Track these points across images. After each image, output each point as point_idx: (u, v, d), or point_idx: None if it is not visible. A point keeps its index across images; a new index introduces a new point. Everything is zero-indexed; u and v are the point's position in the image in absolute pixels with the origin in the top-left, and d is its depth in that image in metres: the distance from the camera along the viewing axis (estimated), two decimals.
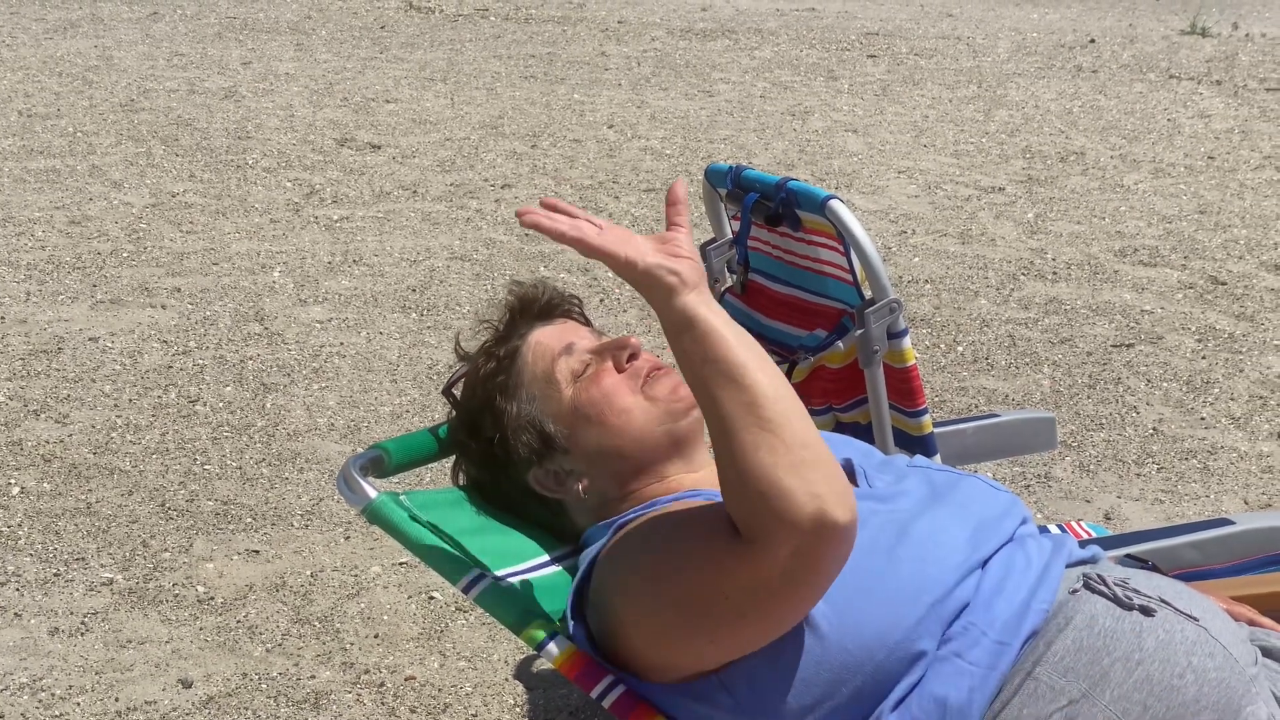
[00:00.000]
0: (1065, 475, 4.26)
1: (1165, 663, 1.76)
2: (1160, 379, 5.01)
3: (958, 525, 1.90)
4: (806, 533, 1.60)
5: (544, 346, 2.08)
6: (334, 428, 4.43)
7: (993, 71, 11.67)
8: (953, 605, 1.81)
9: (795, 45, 12.79)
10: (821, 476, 1.61)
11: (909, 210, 7.21)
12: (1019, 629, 1.81)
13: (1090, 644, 1.79)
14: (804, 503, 1.59)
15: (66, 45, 11.09)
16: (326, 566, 3.62)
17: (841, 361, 2.74)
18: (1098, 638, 1.79)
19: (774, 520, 1.61)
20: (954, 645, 1.80)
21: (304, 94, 9.63)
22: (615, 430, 2.01)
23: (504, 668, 3.22)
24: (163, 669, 3.17)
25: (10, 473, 4.05)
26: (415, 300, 5.61)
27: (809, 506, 1.59)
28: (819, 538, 1.60)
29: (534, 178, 7.60)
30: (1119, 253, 6.53)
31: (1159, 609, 1.82)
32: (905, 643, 1.77)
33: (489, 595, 1.96)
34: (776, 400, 1.66)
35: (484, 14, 14.09)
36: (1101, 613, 1.82)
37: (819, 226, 2.73)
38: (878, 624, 1.77)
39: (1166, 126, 9.53)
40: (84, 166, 7.42)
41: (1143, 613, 1.81)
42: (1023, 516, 2.00)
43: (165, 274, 5.80)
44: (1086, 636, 1.80)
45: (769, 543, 1.62)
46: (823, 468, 1.62)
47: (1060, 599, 1.86)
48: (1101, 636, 1.79)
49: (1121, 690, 1.74)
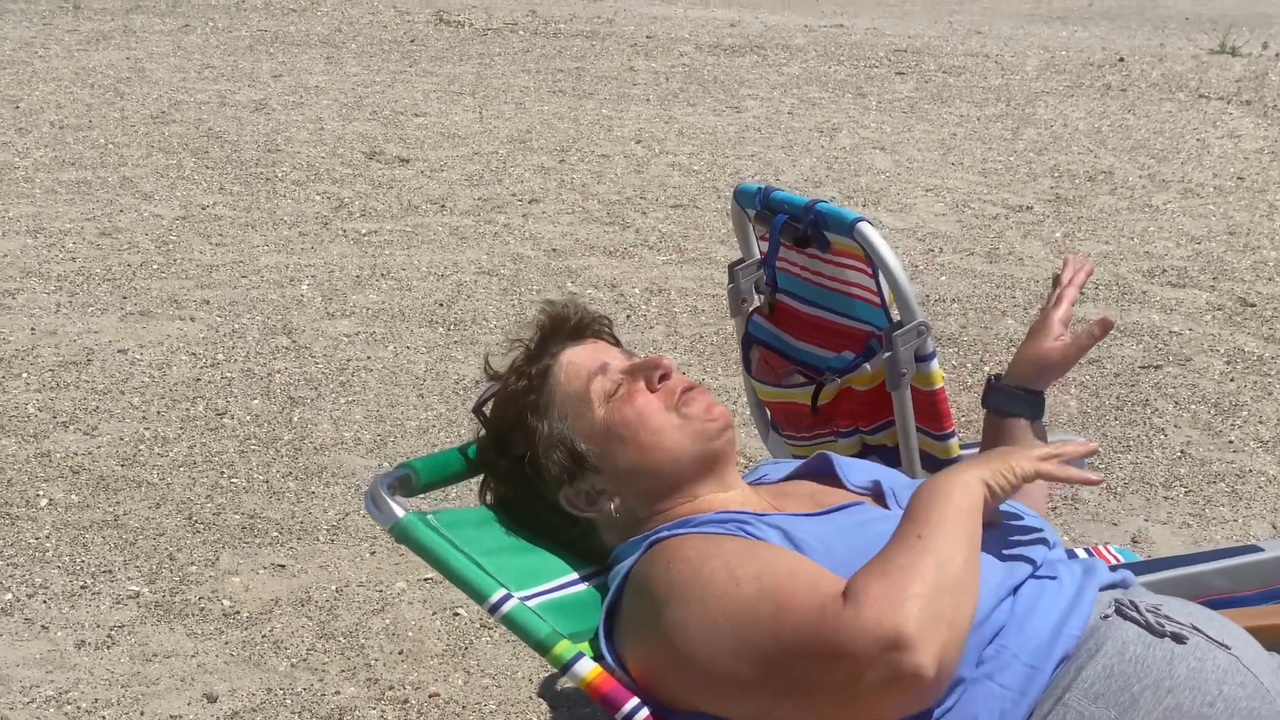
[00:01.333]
0: (1092, 498, 4.24)
1: (1196, 691, 1.75)
2: (1188, 401, 4.99)
3: (992, 549, 1.89)
4: (899, 672, 1.64)
5: (576, 366, 2.08)
6: (360, 442, 4.44)
7: (1021, 90, 11.65)
8: (989, 629, 1.81)
9: (824, 62, 12.79)
10: (953, 640, 1.67)
11: (936, 229, 7.20)
12: (1051, 653, 1.81)
13: (1121, 670, 1.78)
14: (923, 649, 1.64)
15: (98, 57, 11.15)
16: (352, 582, 3.63)
17: (869, 384, 2.73)
18: (1129, 664, 1.78)
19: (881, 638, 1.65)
20: (986, 668, 1.80)
21: (333, 107, 9.67)
22: (648, 449, 2.02)
23: (528, 685, 3.22)
24: (188, 683, 3.17)
25: (39, 484, 4.07)
26: (442, 315, 5.62)
27: (926, 653, 1.64)
28: (910, 683, 1.64)
29: (562, 193, 7.62)
30: (1147, 273, 6.51)
31: (1191, 636, 1.81)
32: None
33: (515, 615, 1.95)
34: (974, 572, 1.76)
35: (513, 28, 14.13)
36: (1133, 639, 1.81)
37: (847, 248, 2.73)
38: None
39: (1196, 146, 9.49)
40: (115, 178, 7.46)
41: (1174, 640, 1.80)
42: (1054, 542, 2.00)
43: (194, 286, 5.83)
44: (1117, 663, 1.79)
45: (862, 660, 1.65)
46: (958, 636, 1.69)
47: (1092, 624, 1.85)
48: (1132, 663, 1.78)
49: (1151, 718, 1.73)
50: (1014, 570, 1.88)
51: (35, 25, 12.57)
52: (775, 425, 3.10)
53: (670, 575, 1.84)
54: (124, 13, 13.63)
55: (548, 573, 2.06)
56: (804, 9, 17.47)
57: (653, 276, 6.23)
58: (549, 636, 1.93)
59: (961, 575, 1.72)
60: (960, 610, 1.70)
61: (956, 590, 1.70)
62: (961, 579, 1.72)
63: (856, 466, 2.17)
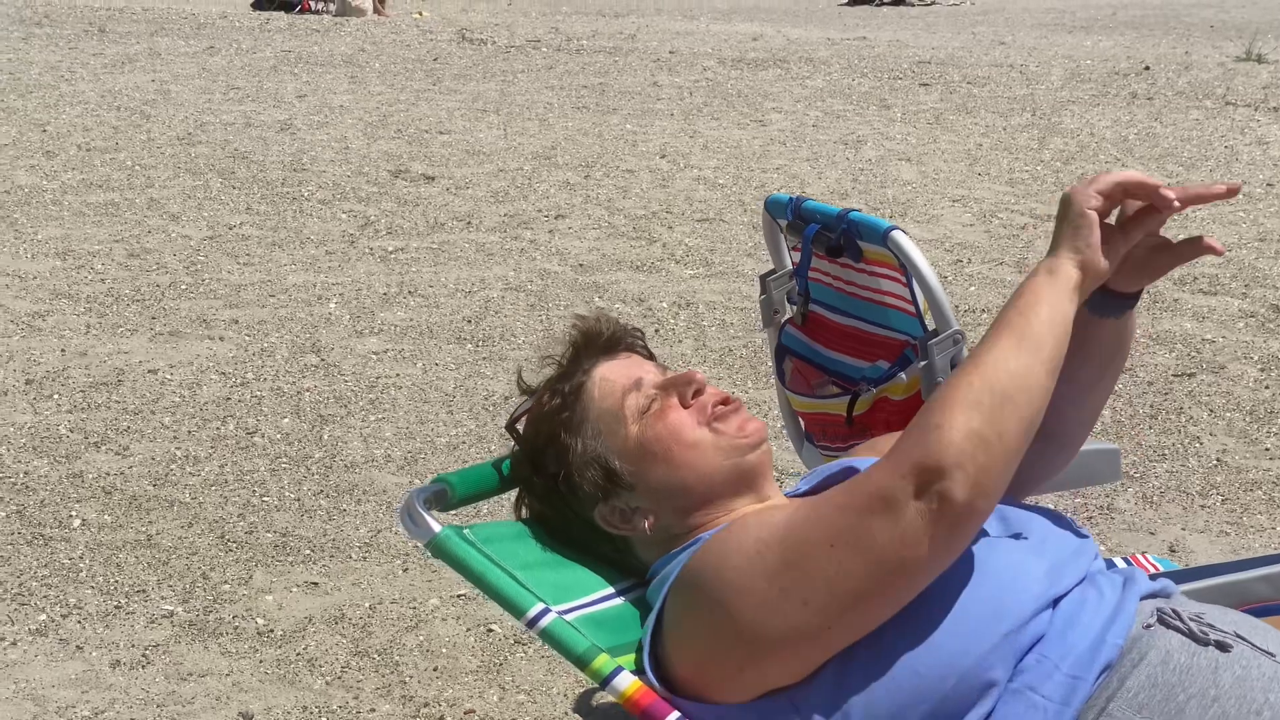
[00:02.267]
0: (1128, 507, 4.21)
1: (1242, 700, 1.73)
2: (1223, 409, 4.96)
3: (1034, 559, 1.87)
4: (949, 491, 1.65)
5: (609, 382, 2.06)
6: (391, 459, 4.44)
7: (1047, 99, 11.62)
8: (1027, 638, 1.79)
9: (847, 74, 12.79)
10: (995, 464, 1.67)
11: (964, 239, 7.18)
12: (1093, 663, 1.79)
13: (1165, 680, 1.76)
14: (967, 468, 1.65)
15: (124, 80, 11.21)
16: (385, 599, 3.62)
17: (904, 393, 2.71)
18: (1173, 674, 1.76)
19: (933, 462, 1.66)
20: (1026, 678, 1.78)
21: (358, 126, 9.70)
22: (682, 466, 2.00)
23: (563, 701, 3.21)
24: (223, 701, 3.17)
25: (71, 505, 4.08)
26: (470, 331, 5.62)
27: (969, 473, 1.65)
28: (956, 503, 1.65)
29: (587, 208, 7.62)
30: (1178, 281, 6.48)
31: (1235, 644, 1.79)
32: (977, 670, 1.75)
33: (553, 630, 1.94)
34: (1037, 399, 1.72)
35: (536, 45, 14.16)
36: (1176, 648, 1.79)
37: (881, 257, 2.71)
38: (950, 649, 1.75)
39: (1224, 154, 9.45)
40: (142, 200, 7.49)
41: (1219, 648, 1.78)
42: (1094, 554, 1.98)
43: (223, 306, 5.84)
44: (1161, 672, 1.77)
45: (907, 495, 1.67)
46: (990, 449, 1.67)
47: (1134, 634, 1.83)
48: (1176, 672, 1.76)
49: None
50: (1056, 580, 1.86)
51: (61, 49, 12.65)
52: (810, 436, 3.09)
53: (705, 556, 1.83)
54: (149, 35, 13.71)
55: (585, 587, 2.05)
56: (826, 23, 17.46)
57: (680, 290, 6.22)
58: (588, 651, 1.91)
59: (1006, 386, 1.71)
60: (1004, 423, 1.69)
61: (1000, 404, 1.70)
62: (1006, 390, 1.71)
63: None
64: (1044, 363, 1.75)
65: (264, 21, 15.09)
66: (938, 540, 1.67)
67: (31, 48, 12.62)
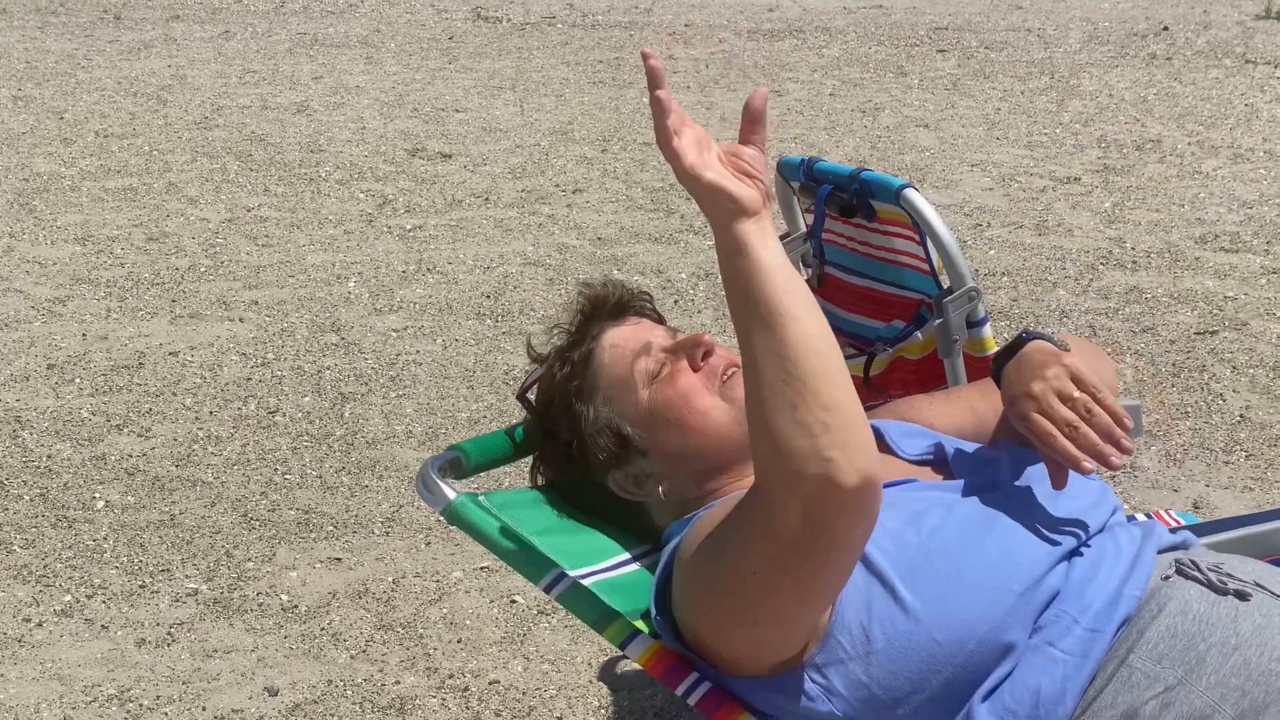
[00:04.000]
0: (1152, 465, 4.19)
1: (1263, 647, 1.72)
2: (1246, 365, 4.93)
3: (1046, 513, 1.87)
4: (810, 496, 1.57)
5: (618, 348, 2.05)
6: (412, 435, 4.44)
7: (1065, 62, 11.55)
8: (1043, 595, 1.79)
9: (864, 42, 12.72)
10: (837, 440, 1.56)
11: (984, 203, 7.14)
12: (1112, 616, 1.78)
13: (1185, 630, 1.75)
14: (810, 466, 1.56)
15: (141, 66, 11.22)
16: (408, 573, 3.63)
17: (921, 352, 2.71)
18: (1192, 623, 1.76)
19: (780, 480, 1.60)
20: (1045, 634, 1.77)
21: (375, 106, 9.69)
22: (694, 431, 1.99)
23: (588, 670, 3.21)
24: (249, 678, 3.18)
25: (95, 487, 4.09)
26: (490, 307, 5.62)
27: (813, 469, 1.56)
28: (824, 502, 1.57)
29: (605, 181, 7.60)
30: (1199, 239, 6.44)
31: (1255, 593, 1.79)
32: (995, 633, 1.75)
33: (571, 595, 1.95)
34: (810, 355, 1.59)
35: (550, 21, 14.13)
36: (1195, 598, 1.79)
37: (894, 216, 2.70)
38: (967, 613, 1.75)
39: (1244, 111, 9.39)
40: (160, 184, 7.50)
41: (1238, 597, 1.78)
42: (1114, 506, 1.97)
43: (242, 287, 5.85)
44: (1181, 622, 1.76)
45: (776, 504, 1.61)
46: (844, 431, 1.57)
47: (1153, 585, 1.82)
48: (1196, 622, 1.76)
49: (1218, 676, 1.71)
50: (1069, 534, 1.86)
51: (78, 37, 12.65)
52: None
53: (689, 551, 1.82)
54: (164, 22, 13.71)
55: (602, 552, 2.05)
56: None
57: (699, 261, 6.20)
58: (606, 614, 1.92)
59: (794, 370, 1.59)
60: (831, 410, 1.57)
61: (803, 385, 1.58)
62: (796, 372, 1.59)
63: (908, 433, 2.13)
64: (794, 320, 1.60)
65: (279, 5, 15.08)
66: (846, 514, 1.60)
67: (47, 36, 12.63)
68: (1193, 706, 1.70)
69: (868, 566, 1.77)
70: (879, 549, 1.77)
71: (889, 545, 1.79)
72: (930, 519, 1.83)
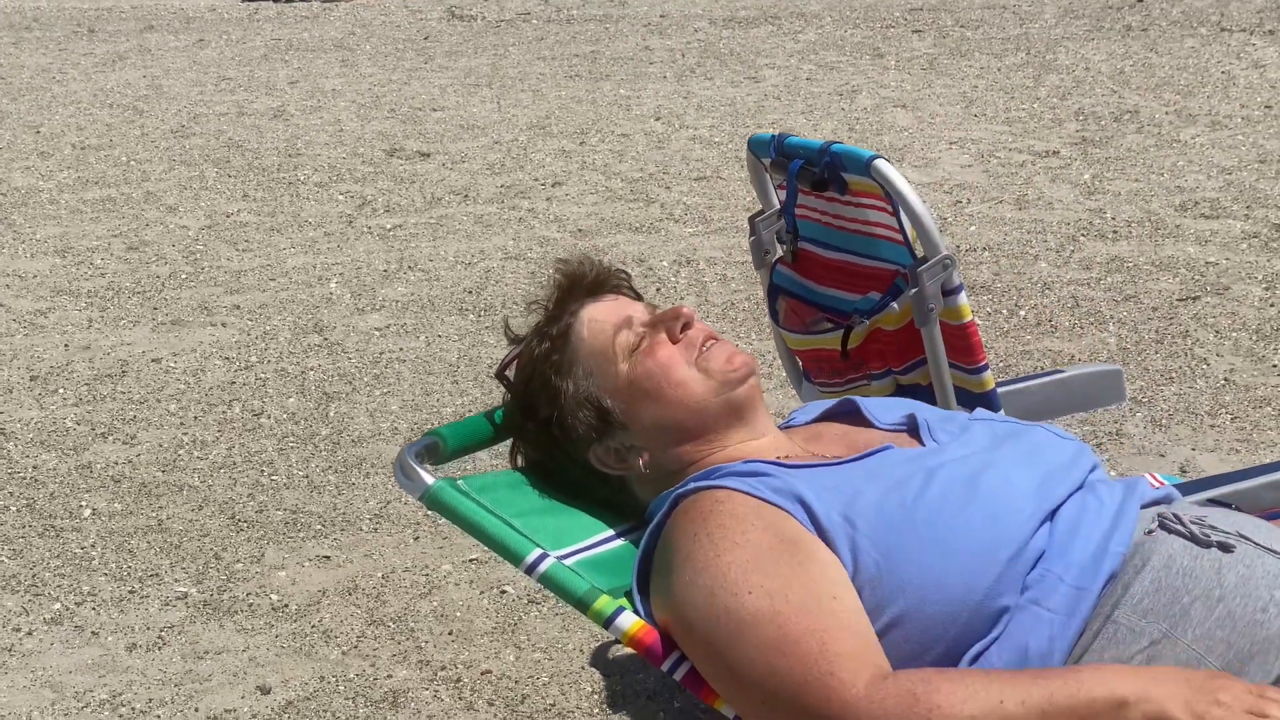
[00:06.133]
0: (1137, 431, 4.19)
1: (1247, 598, 1.72)
2: (1229, 330, 4.93)
3: (1026, 474, 1.86)
4: None
5: (598, 323, 2.05)
6: (398, 431, 4.43)
7: (1041, 37, 11.56)
8: (1029, 555, 1.78)
9: (839, 26, 12.72)
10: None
11: (963, 180, 7.14)
12: (1096, 573, 1.78)
13: (1169, 583, 1.75)
14: None
15: (116, 77, 11.19)
16: (397, 568, 3.62)
17: (897, 323, 2.70)
18: (1176, 577, 1.75)
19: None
20: (1032, 593, 1.77)
21: (351, 108, 9.68)
22: (673, 403, 1.99)
23: (579, 656, 3.21)
24: (240, 677, 3.17)
25: (81, 495, 4.08)
26: (472, 302, 5.61)
27: None
28: None
29: (584, 174, 7.59)
30: (1179, 207, 6.44)
31: (1238, 544, 1.78)
32: (986, 601, 1.75)
33: (553, 574, 1.94)
34: None
35: (525, 18, 14.11)
36: (1179, 552, 1.78)
37: (866, 188, 2.70)
38: (956, 587, 1.75)
39: (1221, 79, 9.40)
40: (139, 194, 7.48)
41: (1221, 549, 1.77)
42: (1092, 463, 1.96)
43: (224, 292, 5.83)
44: (1165, 576, 1.76)
45: None
46: None
47: (1136, 540, 1.82)
48: (1180, 575, 1.75)
49: (1203, 629, 1.71)
50: (1050, 492, 1.85)
51: (52, 51, 12.62)
52: (807, 374, 3.08)
53: (692, 548, 1.81)
54: (138, 33, 13.68)
55: (583, 531, 2.04)
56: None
57: (680, 249, 6.20)
58: (589, 593, 1.91)
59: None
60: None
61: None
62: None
63: (886, 405, 2.13)
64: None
65: (253, 12, 15.05)
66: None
67: (22, 51, 12.60)
68: (1179, 660, 1.69)
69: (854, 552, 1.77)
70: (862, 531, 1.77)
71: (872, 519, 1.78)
72: (910, 486, 1.82)
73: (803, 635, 1.68)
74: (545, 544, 1.96)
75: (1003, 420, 2.07)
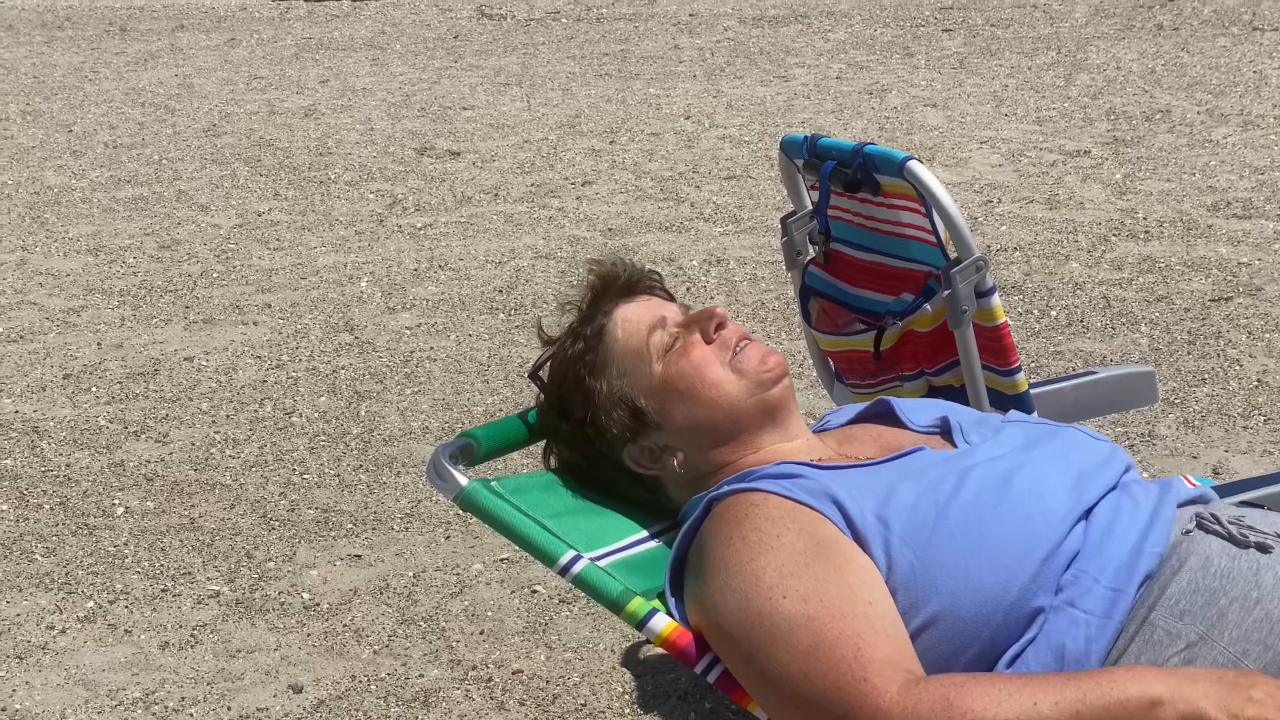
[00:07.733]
0: (1169, 432, 4.17)
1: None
2: (1262, 330, 4.90)
3: (1059, 475, 1.86)
4: None
5: (631, 323, 2.05)
6: (429, 430, 4.44)
7: (1071, 36, 11.52)
8: (1064, 556, 1.78)
9: (869, 25, 12.70)
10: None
11: (994, 180, 7.13)
12: (1132, 574, 1.77)
13: (1206, 585, 1.74)
14: None
15: (148, 76, 11.24)
16: (429, 567, 3.63)
17: (930, 324, 2.70)
18: (1213, 578, 1.75)
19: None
20: (1066, 594, 1.76)
21: (382, 107, 9.70)
22: (707, 403, 1.99)
23: (610, 656, 3.21)
24: (273, 676, 3.18)
25: (114, 494, 4.10)
26: (502, 301, 5.62)
27: None
28: None
29: (614, 173, 7.60)
30: (1211, 207, 6.41)
31: (1276, 545, 1.77)
32: (1020, 602, 1.74)
33: (587, 576, 1.94)
34: None
35: (555, 17, 14.12)
36: (1216, 552, 1.77)
37: (898, 189, 2.69)
38: (990, 588, 1.74)
39: (1253, 78, 9.35)
40: (171, 192, 7.51)
41: (1259, 550, 1.77)
42: (1126, 464, 1.95)
43: (255, 291, 5.86)
44: (1202, 577, 1.75)
45: None
46: None
47: (1173, 540, 1.81)
48: (1217, 577, 1.75)
49: (1240, 630, 1.70)
50: (1084, 491, 1.84)
51: (84, 50, 12.68)
52: (839, 375, 3.07)
53: (727, 551, 1.81)
54: (170, 32, 13.73)
55: (617, 532, 2.04)
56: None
57: (710, 248, 6.20)
58: (622, 594, 1.91)
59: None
60: None
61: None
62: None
63: (919, 406, 2.13)
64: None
65: (284, 11, 15.09)
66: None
67: (54, 50, 12.65)
68: (1215, 662, 1.69)
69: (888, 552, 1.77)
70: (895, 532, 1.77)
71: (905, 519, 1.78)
72: (944, 487, 1.82)
73: (837, 640, 1.67)
74: (579, 545, 1.96)
75: (1036, 422, 2.06)
